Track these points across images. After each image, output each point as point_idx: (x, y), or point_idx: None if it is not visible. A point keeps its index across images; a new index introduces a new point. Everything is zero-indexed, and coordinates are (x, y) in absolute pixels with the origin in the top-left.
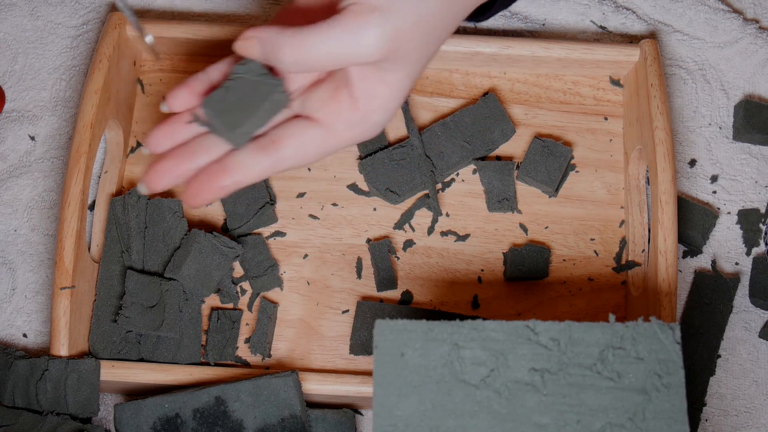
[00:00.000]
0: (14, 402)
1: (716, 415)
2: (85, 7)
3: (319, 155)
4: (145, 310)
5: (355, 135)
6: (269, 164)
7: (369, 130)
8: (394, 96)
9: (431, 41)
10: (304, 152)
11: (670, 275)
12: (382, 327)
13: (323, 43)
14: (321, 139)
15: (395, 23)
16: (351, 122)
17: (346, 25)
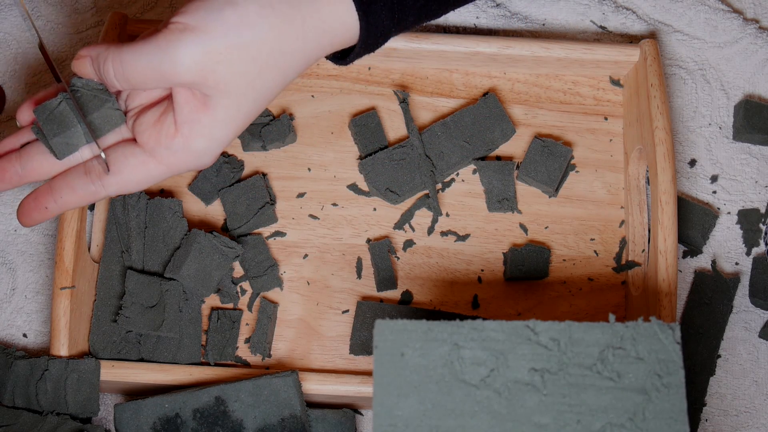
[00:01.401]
0: (14, 402)
1: (716, 415)
2: (86, 7)
3: (142, 182)
4: (145, 310)
5: (178, 162)
6: (94, 189)
7: (193, 158)
8: (219, 124)
9: (263, 71)
10: (129, 179)
11: (670, 275)
12: (382, 327)
13: (139, 60)
14: (144, 166)
15: (210, 44)
16: (172, 148)
17: (160, 42)
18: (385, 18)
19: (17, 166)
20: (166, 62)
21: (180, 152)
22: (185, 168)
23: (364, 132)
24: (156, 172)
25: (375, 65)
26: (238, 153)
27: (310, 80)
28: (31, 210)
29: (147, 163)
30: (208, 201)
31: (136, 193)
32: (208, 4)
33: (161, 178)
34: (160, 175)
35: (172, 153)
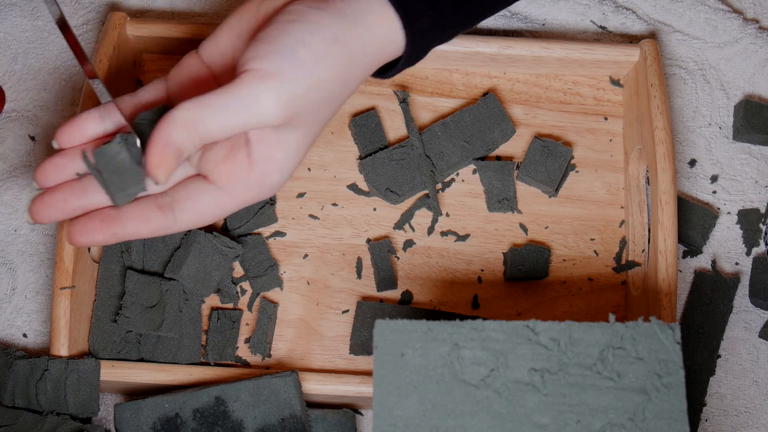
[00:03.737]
0: (14, 402)
1: (716, 415)
2: (85, 7)
3: (216, 216)
4: (145, 310)
5: (252, 197)
6: (165, 224)
7: (265, 191)
8: (291, 158)
9: (330, 102)
10: (201, 214)
11: (670, 275)
12: (382, 327)
13: (219, 117)
14: (217, 201)
15: (291, 88)
16: (247, 184)
17: (241, 93)
18: (428, 33)
19: (82, 199)
20: (252, 113)
21: (255, 187)
22: (257, 200)
23: (364, 132)
24: (229, 205)
25: None
26: None
27: None
28: (95, 231)
29: (221, 198)
30: None
31: None
32: (279, 46)
33: (233, 210)
34: (233, 208)
35: (247, 188)
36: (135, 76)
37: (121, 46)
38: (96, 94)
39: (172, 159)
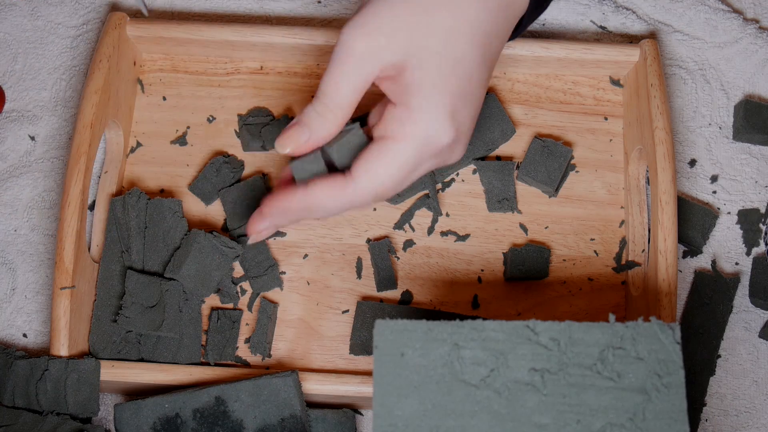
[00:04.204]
0: (14, 402)
1: (716, 415)
2: (85, 7)
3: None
4: (145, 310)
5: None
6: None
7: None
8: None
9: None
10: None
11: (670, 275)
12: (382, 327)
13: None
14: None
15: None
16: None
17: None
18: None
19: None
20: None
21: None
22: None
23: None
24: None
25: None
26: (238, 153)
27: (310, 80)
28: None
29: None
30: (208, 201)
31: (136, 193)
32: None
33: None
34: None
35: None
36: (135, 76)
37: (121, 46)
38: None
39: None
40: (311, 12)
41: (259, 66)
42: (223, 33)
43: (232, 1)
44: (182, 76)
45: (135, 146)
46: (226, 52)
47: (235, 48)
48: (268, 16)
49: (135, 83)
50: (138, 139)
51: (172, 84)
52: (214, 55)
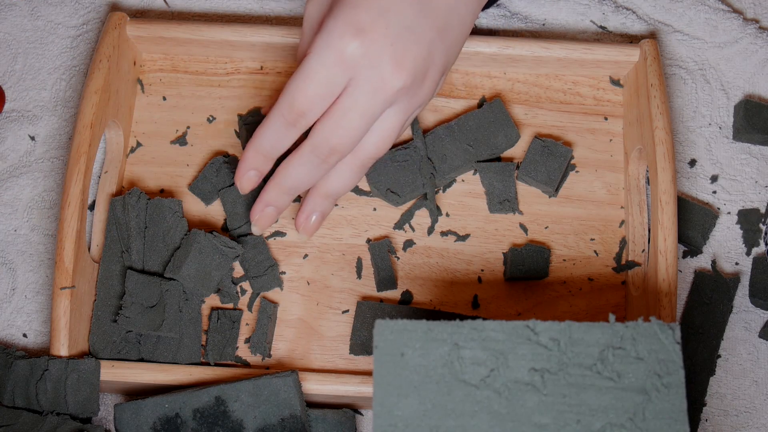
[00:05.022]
0: (14, 402)
1: (716, 415)
2: (85, 7)
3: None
4: (145, 310)
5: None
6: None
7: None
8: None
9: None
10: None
11: (670, 275)
12: (382, 327)
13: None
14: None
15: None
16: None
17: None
18: None
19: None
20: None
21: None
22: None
23: None
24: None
25: None
26: (238, 153)
27: None
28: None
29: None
30: (208, 201)
31: (136, 193)
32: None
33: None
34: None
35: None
36: (135, 76)
37: (121, 46)
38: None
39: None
40: None
41: (259, 66)
42: (223, 33)
43: (232, 1)
44: (182, 76)
45: (135, 146)
46: (226, 52)
47: (235, 48)
48: (268, 16)
49: (135, 83)
50: (138, 139)
51: (172, 84)
52: (214, 55)
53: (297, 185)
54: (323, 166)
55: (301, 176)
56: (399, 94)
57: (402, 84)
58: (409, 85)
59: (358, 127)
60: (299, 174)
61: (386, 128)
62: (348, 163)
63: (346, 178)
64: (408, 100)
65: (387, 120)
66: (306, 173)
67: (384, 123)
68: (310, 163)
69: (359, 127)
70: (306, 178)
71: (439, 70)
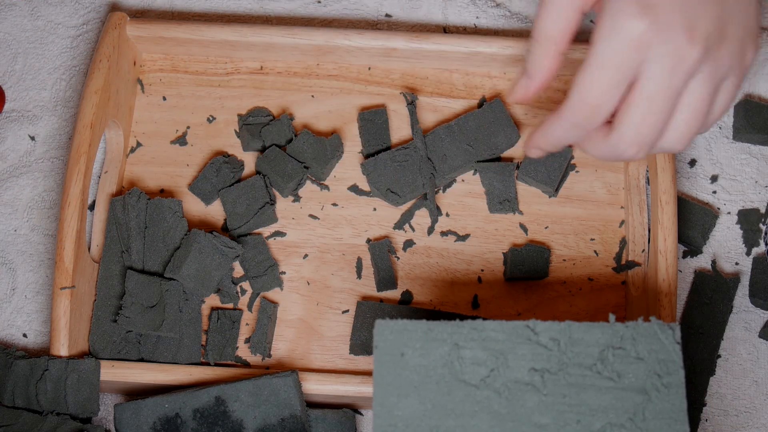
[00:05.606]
0: (14, 402)
1: (716, 415)
2: (85, 7)
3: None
4: (145, 310)
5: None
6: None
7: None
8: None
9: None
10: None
11: (670, 275)
12: (382, 327)
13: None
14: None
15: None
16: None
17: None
18: None
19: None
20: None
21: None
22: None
23: (370, 127)
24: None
25: (375, 65)
26: (238, 153)
27: (310, 80)
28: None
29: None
30: (208, 201)
31: (136, 193)
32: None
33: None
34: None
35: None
36: (135, 76)
37: (121, 46)
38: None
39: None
40: (311, 12)
41: (259, 66)
42: (223, 33)
43: (232, 1)
44: (182, 76)
45: (135, 146)
46: (226, 52)
47: (235, 48)
48: (268, 16)
49: (135, 83)
50: (138, 139)
51: (172, 84)
52: (214, 55)
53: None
54: (623, 160)
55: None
56: (700, 63)
57: (699, 53)
58: (709, 51)
59: (664, 110)
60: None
61: (694, 103)
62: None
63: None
64: (711, 66)
65: (693, 94)
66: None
67: (691, 97)
68: (612, 156)
69: (665, 110)
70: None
71: (740, 24)
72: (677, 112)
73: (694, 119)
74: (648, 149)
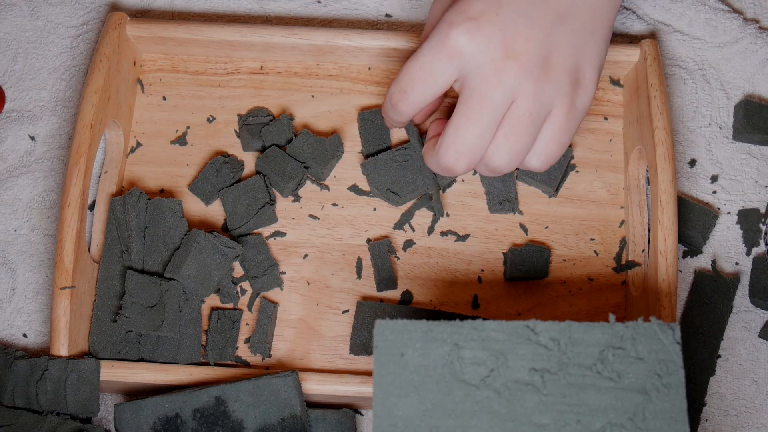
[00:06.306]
0: (14, 402)
1: (716, 415)
2: (85, 7)
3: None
4: (145, 310)
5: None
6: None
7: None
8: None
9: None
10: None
11: (670, 275)
12: (382, 327)
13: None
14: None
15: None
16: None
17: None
18: None
19: None
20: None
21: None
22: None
23: (370, 127)
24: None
25: (375, 65)
26: (238, 153)
27: (310, 80)
28: None
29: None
30: (208, 201)
31: (136, 193)
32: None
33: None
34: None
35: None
36: (135, 76)
37: (121, 46)
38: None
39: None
40: (311, 12)
41: (259, 66)
42: (223, 33)
43: (232, 1)
44: (182, 76)
45: (135, 146)
46: (226, 52)
47: (235, 48)
48: (268, 16)
49: (135, 83)
50: (138, 139)
51: (172, 84)
52: (214, 55)
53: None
54: (447, 172)
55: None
56: (517, 79)
57: (515, 69)
58: (525, 68)
59: (481, 121)
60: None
61: (514, 120)
62: (480, 166)
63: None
64: (531, 88)
65: (514, 111)
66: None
67: (511, 114)
68: (437, 167)
69: (482, 120)
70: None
71: (569, 58)
72: (500, 127)
73: (514, 138)
74: (469, 160)
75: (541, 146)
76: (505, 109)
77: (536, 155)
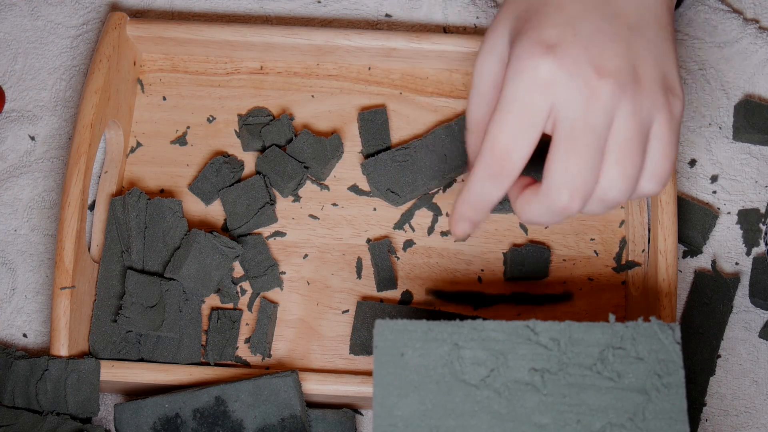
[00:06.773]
0: (14, 402)
1: (716, 415)
2: (85, 7)
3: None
4: (145, 310)
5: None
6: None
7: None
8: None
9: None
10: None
11: (670, 275)
12: (382, 327)
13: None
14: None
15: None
16: None
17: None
18: None
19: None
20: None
21: None
22: None
23: (370, 127)
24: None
25: (375, 65)
26: (238, 153)
27: (310, 80)
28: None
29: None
30: (208, 201)
31: (136, 193)
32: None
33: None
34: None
35: None
36: (135, 76)
37: (121, 46)
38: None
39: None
40: (311, 12)
41: (259, 66)
42: (223, 33)
43: (232, 1)
44: (182, 76)
45: (135, 146)
46: (226, 52)
47: (235, 48)
48: (268, 16)
49: (135, 83)
50: (138, 139)
51: (172, 84)
52: (214, 55)
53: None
54: (561, 215)
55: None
56: (614, 99)
57: (611, 87)
58: (621, 85)
59: (589, 149)
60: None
61: (621, 143)
62: (593, 201)
63: (596, 210)
64: (629, 103)
65: (618, 133)
66: (543, 219)
67: (617, 137)
68: (547, 213)
69: (589, 149)
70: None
71: (654, 68)
72: (607, 154)
73: (627, 162)
74: (583, 196)
75: (652, 167)
76: (606, 133)
77: (650, 177)
